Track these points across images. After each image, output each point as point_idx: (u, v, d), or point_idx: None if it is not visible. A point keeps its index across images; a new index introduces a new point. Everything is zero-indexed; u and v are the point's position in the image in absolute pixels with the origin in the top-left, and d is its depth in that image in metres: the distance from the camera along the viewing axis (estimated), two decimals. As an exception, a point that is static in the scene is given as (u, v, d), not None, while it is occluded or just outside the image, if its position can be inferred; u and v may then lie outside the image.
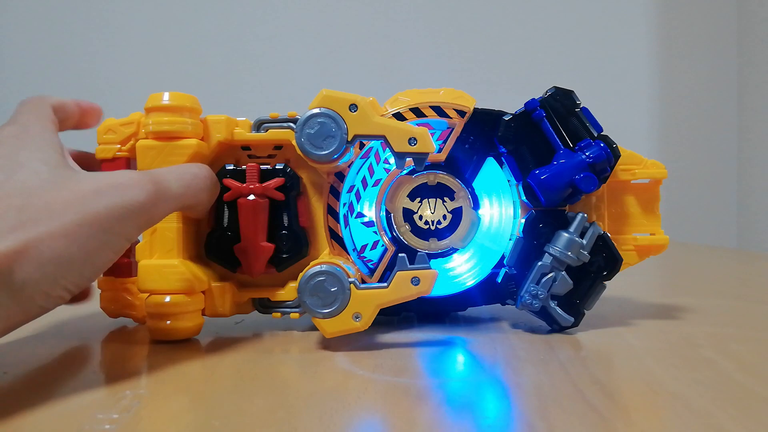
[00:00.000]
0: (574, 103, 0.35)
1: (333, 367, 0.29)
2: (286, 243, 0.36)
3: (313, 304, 0.31)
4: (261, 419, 0.22)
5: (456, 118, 0.36)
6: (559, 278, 0.34)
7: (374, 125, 0.32)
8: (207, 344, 0.33)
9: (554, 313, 0.34)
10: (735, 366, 0.28)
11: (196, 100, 0.35)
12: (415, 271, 0.31)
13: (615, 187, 0.37)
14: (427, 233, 0.36)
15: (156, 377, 0.28)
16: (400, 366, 0.29)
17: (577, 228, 0.34)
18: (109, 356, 0.32)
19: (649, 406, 0.23)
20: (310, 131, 0.32)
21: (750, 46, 1.19)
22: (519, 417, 0.22)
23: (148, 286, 0.34)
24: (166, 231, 0.34)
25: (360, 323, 0.31)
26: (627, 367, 0.29)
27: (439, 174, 0.36)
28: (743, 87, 1.22)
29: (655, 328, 0.36)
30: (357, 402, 0.24)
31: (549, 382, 0.26)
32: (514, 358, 0.30)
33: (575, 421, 0.21)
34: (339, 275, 0.31)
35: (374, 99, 0.35)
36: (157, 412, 0.23)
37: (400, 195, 0.36)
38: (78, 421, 0.22)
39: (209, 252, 0.36)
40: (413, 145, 0.32)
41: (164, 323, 0.33)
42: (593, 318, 0.37)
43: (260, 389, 0.26)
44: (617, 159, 0.34)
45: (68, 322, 0.40)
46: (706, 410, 0.22)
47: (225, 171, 0.36)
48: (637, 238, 0.37)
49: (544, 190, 0.34)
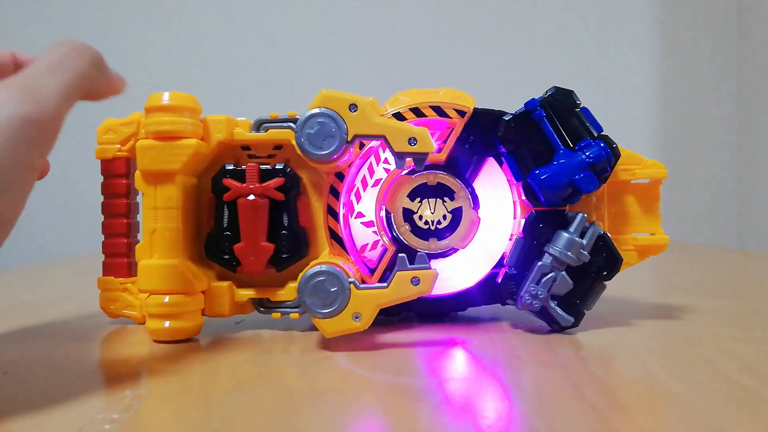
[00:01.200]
0: (574, 103, 0.35)
1: (333, 367, 0.29)
2: (286, 243, 0.36)
3: (313, 304, 0.31)
4: (261, 419, 0.22)
5: (456, 118, 0.36)
6: (559, 278, 0.34)
7: (374, 125, 0.32)
8: (207, 344, 0.33)
9: (554, 313, 0.34)
10: (735, 366, 0.28)
11: (196, 100, 0.35)
12: (415, 271, 0.31)
13: (615, 187, 0.37)
14: (427, 233, 0.36)
15: (156, 377, 0.28)
16: (399, 366, 0.29)
17: (577, 228, 0.34)
18: (109, 356, 0.32)
19: (649, 406, 0.23)
20: (310, 131, 0.32)
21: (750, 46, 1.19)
22: (519, 417, 0.22)
23: (148, 286, 0.34)
24: (166, 231, 0.34)
25: (360, 323, 0.31)
26: (627, 367, 0.29)
27: (439, 174, 0.36)
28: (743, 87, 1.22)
29: (655, 328, 0.36)
30: (357, 402, 0.24)
31: (549, 382, 0.26)
32: (514, 358, 0.30)
33: (575, 421, 0.21)
34: (339, 275, 0.31)
35: (374, 99, 0.35)
36: (157, 412, 0.23)
37: (400, 195, 0.36)
38: (78, 421, 0.22)
39: (209, 252, 0.36)
40: (413, 145, 0.32)
41: (164, 323, 0.33)
42: (593, 318, 0.37)
43: (260, 389, 0.26)
44: (617, 159, 0.34)
45: (68, 322, 0.40)
46: (706, 410, 0.22)
47: (225, 171, 0.36)
48: (637, 238, 0.37)
49: (544, 190, 0.34)
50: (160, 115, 0.33)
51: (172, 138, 0.34)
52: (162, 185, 0.34)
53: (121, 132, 0.37)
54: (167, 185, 0.34)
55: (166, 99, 0.34)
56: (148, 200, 0.34)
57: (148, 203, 0.34)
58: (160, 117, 0.33)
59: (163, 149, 0.34)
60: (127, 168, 0.38)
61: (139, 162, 0.34)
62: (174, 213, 0.34)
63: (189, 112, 0.34)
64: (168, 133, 0.33)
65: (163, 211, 0.34)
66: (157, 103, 0.34)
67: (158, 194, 0.34)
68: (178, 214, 0.34)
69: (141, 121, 0.36)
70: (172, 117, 0.33)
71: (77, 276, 0.66)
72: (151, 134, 0.34)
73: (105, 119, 0.38)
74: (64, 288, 0.38)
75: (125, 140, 0.38)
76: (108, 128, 0.38)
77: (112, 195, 0.38)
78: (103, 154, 0.38)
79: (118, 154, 0.38)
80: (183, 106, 0.34)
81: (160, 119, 0.33)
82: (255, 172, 0.35)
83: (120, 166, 0.38)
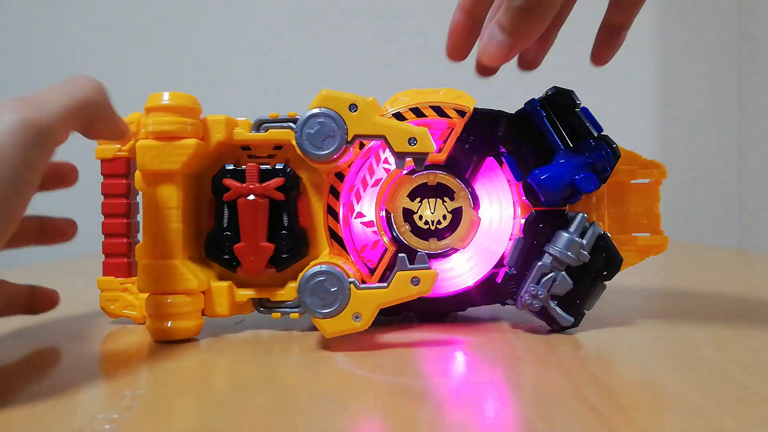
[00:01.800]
0: (574, 103, 0.35)
1: (333, 367, 0.29)
2: (286, 243, 0.36)
3: (313, 304, 0.31)
4: (261, 419, 0.22)
5: (456, 118, 0.36)
6: (559, 278, 0.34)
7: (374, 125, 0.32)
8: (207, 344, 0.33)
9: (554, 313, 0.34)
10: (735, 366, 0.28)
11: (196, 100, 0.35)
12: (415, 271, 0.31)
13: (615, 187, 0.37)
14: (426, 233, 0.36)
15: (156, 377, 0.28)
16: (399, 366, 0.29)
17: (577, 228, 0.34)
18: (109, 356, 0.32)
19: (649, 406, 0.23)
20: (310, 131, 0.32)
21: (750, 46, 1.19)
22: (519, 417, 0.22)
23: (148, 286, 0.34)
24: (166, 231, 0.34)
25: (360, 323, 0.31)
26: (627, 367, 0.29)
27: (439, 174, 0.36)
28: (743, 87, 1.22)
29: (655, 328, 0.36)
30: (357, 402, 0.24)
31: (549, 382, 0.26)
32: (513, 358, 0.30)
33: (575, 421, 0.21)
34: (339, 275, 0.31)
35: (374, 99, 0.35)
36: (157, 412, 0.23)
37: (400, 195, 0.36)
38: (78, 421, 0.22)
39: (209, 252, 0.36)
40: (413, 145, 0.32)
41: (164, 323, 0.33)
42: (593, 318, 0.37)
43: (260, 389, 0.26)
44: (617, 159, 0.34)
45: (68, 321, 0.40)
46: (706, 410, 0.22)
47: (225, 171, 0.36)
48: (637, 238, 0.37)
49: (544, 190, 0.34)
50: (160, 115, 0.33)
51: (172, 138, 0.34)
52: (162, 185, 0.34)
53: None
54: (167, 185, 0.34)
55: (166, 99, 0.34)
56: (148, 200, 0.34)
57: (148, 203, 0.34)
58: (160, 117, 0.33)
59: (163, 149, 0.34)
60: (127, 168, 0.38)
61: (139, 162, 0.34)
62: (174, 213, 0.34)
63: (189, 112, 0.34)
64: (168, 133, 0.33)
65: (163, 211, 0.34)
66: (157, 103, 0.34)
67: (158, 194, 0.34)
68: (178, 214, 0.34)
69: (141, 120, 0.36)
70: (172, 117, 0.33)
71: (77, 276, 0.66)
72: (151, 134, 0.34)
73: None
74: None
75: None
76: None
77: (112, 195, 0.38)
78: (103, 154, 0.38)
79: (119, 154, 0.38)
80: (183, 106, 0.34)
81: (160, 119, 0.33)
82: (255, 172, 0.35)
83: (120, 166, 0.38)
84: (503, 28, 0.32)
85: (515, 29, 0.32)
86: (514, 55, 0.33)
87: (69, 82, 0.28)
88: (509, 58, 0.33)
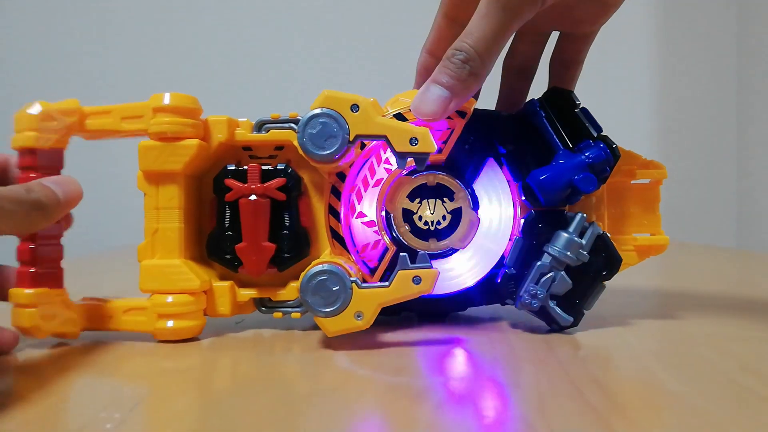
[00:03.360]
0: (573, 104, 0.35)
1: (334, 366, 0.29)
2: (288, 243, 0.36)
3: (315, 303, 0.31)
4: (262, 419, 0.22)
5: (456, 119, 0.36)
6: (558, 278, 0.34)
7: (376, 125, 0.32)
8: (208, 344, 0.34)
9: (553, 312, 0.34)
10: (735, 366, 0.28)
11: (197, 100, 0.35)
12: (417, 270, 0.31)
13: (615, 188, 0.37)
14: (426, 234, 0.36)
15: (158, 376, 0.28)
16: (400, 365, 0.29)
17: (576, 228, 0.34)
18: (109, 356, 0.32)
19: (648, 405, 0.23)
20: (312, 131, 0.32)
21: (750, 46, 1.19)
22: (519, 417, 0.22)
23: (150, 287, 0.34)
24: (167, 231, 0.34)
25: (362, 322, 0.31)
26: (626, 367, 0.29)
27: (438, 174, 0.36)
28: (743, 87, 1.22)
29: (655, 328, 0.36)
30: (357, 401, 0.24)
31: (548, 382, 0.26)
32: (513, 358, 0.30)
33: (575, 421, 0.21)
34: (341, 274, 0.31)
35: (375, 100, 0.35)
36: (157, 411, 0.23)
37: (400, 195, 0.36)
38: (79, 421, 0.22)
39: (211, 252, 0.36)
40: (414, 145, 0.32)
41: (166, 323, 0.33)
42: (593, 318, 0.37)
43: (261, 389, 0.26)
44: (617, 159, 0.34)
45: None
46: (706, 410, 0.22)
47: (226, 171, 0.36)
48: (637, 238, 0.37)
49: (543, 190, 0.34)
50: (161, 115, 0.34)
51: (173, 139, 0.34)
52: (164, 185, 0.34)
53: (62, 120, 0.33)
54: (169, 185, 0.34)
55: (167, 100, 0.34)
56: (150, 200, 0.34)
57: (150, 203, 0.34)
58: (162, 117, 0.34)
59: (164, 150, 0.34)
60: (61, 162, 0.34)
61: (140, 162, 0.34)
62: (176, 213, 0.34)
63: (190, 113, 0.34)
64: (169, 133, 0.34)
65: (165, 211, 0.34)
66: (158, 104, 0.34)
67: (160, 194, 0.34)
68: (180, 214, 0.34)
69: (84, 110, 0.33)
70: (173, 117, 0.34)
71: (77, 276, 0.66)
72: (153, 135, 0.34)
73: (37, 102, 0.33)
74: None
75: (65, 131, 0.33)
76: (48, 114, 0.33)
77: None
78: (40, 143, 0.33)
79: (42, 145, 0.33)
80: (184, 107, 0.34)
81: (161, 120, 0.34)
82: (256, 172, 0.35)
83: (57, 158, 0.34)
84: (440, 84, 0.32)
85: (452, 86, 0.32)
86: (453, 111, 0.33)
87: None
88: (448, 112, 0.33)
